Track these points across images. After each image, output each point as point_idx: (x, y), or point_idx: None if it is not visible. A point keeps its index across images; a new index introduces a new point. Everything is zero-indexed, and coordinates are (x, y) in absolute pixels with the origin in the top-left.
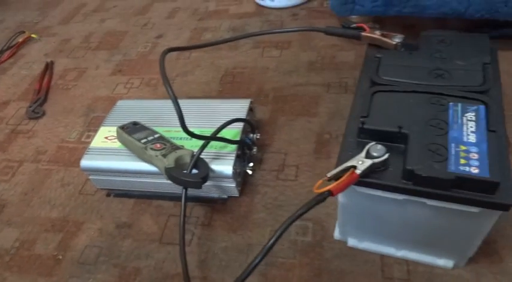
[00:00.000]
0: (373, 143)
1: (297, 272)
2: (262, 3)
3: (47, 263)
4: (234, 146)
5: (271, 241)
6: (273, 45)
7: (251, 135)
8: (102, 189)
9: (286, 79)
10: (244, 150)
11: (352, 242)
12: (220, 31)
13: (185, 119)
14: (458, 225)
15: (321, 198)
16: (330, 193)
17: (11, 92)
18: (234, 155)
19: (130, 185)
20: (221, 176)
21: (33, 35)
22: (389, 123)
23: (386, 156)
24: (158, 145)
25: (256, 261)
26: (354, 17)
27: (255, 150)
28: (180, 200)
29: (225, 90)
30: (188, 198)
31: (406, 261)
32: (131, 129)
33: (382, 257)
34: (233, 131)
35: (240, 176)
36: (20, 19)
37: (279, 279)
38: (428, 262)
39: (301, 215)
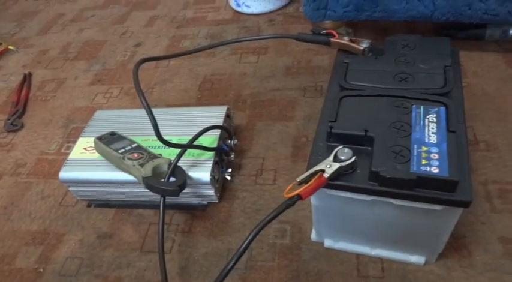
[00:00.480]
0: (341, 146)
1: (276, 274)
2: (239, 9)
3: (27, 277)
4: (211, 153)
5: (243, 246)
6: (251, 51)
7: (228, 141)
8: (82, 200)
9: (263, 84)
10: (222, 157)
11: (328, 242)
12: (198, 38)
13: (163, 127)
14: (424, 222)
15: (291, 202)
16: (299, 197)
17: None
18: (211, 161)
19: (110, 195)
20: (199, 183)
21: (10, 47)
22: (356, 127)
23: (353, 159)
24: (135, 155)
25: (229, 266)
26: (327, 22)
27: (232, 156)
28: (159, 208)
29: (204, 97)
30: (168, 206)
31: (381, 260)
32: (108, 140)
33: (358, 256)
34: (210, 138)
35: (218, 182)
36: None
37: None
38: (402, 259)
39: (270, 220)
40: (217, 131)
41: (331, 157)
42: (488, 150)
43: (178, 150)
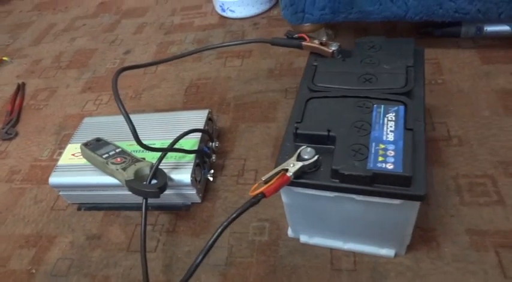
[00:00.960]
0: (304, 146)
1: (254, 270)
2: (224, 14)
3: (21, 278)
4: (192, 156)
5: (209, 243)
6: (235, 55)
7: (210, 143)
8: (72, 203)
9: (246, 87)
10: (204, 159)
11: (303, 238)
12: (185, 44)
13: (147, 132)
14: (387, 217)
15: (255, 200)
16: (263, 195)
17: None
18: (192, 164)
19: (98, 198)
20: (181, 185)
21: (4, 58)
22: (319, 127)
23: (315, 158)
24: (118, 159)
25: (197, 261)
26: (306, 25)
27: (213, 158)
28: (146, 209)
29: (189, 101)
30: (154, 207)
31: (353, 253)
32: (94, 146)
33: (332, 250)
34: (191, 141)
35: (200, 183)
36: None
37: (237, 277)
38: (373, 252)
39: (235, 218)
40: (199, 134)
41: (295, 157)
42: (460, 145)
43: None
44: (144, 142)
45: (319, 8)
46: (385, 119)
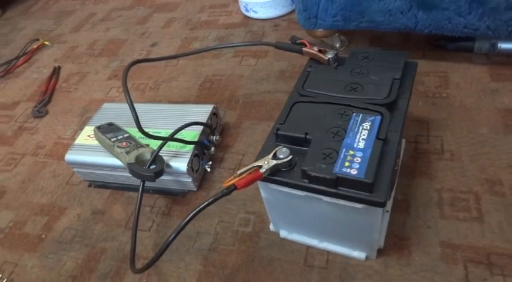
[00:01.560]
0: (281, 146)
1: (234, 257)
2: (247, 14)
3: (32, 241)
4: (192, 146)
5: (181, 225)
6: (251, 55)
7: (211, 137)
8: (85, 180)
9: (257, 86)
10: (203, 150)
11: (283, 233)
12: (207, 40)
13: (155, 121)
14: (353, 220)
15: (227, 191)
16: (235, 187)
17: (22, 93)
18: (190, 154)
19: (107, 177)
20: (178, 172)
21: (46, 42)
22: (299, 130)
23: (289, 158)
24: (124, 143)
25: (170, 239)
26: (319, 30)
27: (213, 150)
28: (147, 192)
29: (202, 96)
30: (155, 191)
31: (327, 252)
32: (105, 129)
33: (308, 248)
34: (193, 133)
35: (197, 172)
36: (38, 27)
37: (218, 262)
38: (345, 254)
39: (207, 206)
40: (200, 127)
41: (271, 155)
42: (451, 160)
43: (169, 142)
44: (151, 130)
45: (332, 15)
46: (361, 128)
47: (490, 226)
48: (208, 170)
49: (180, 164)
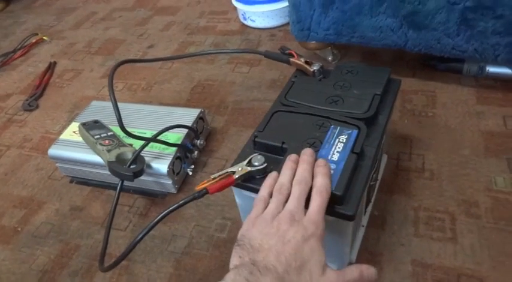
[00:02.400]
0: (257, 154)
1: (206, 262)
2: (245, 23)
3: (8, 233)
4: (174, 149)
5: (148, 228)
6: (245, 62)
7: (195, 141)
8: (67, 176)
9: (247, 94)
10: (186, 154)
11: None
12: (203, 45)
13: (142, 121)
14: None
15: (199, 194)
16: (207, 191)
17: (15, 86)
18: (172, 156)
19: (88, 174)
20: (158, 174)
21: (44, 37)
22: (276, 138)
23: (264, 165)
24: (107, 141)
25: (137, 238)
26: (312, 42)
27: (196, 154)
28: (127, 192)
29: (193, 99)
30: (135, 191)
31: None
32: (90, 126)
33: None
34: (177, 136)
35: (178, 175)
36: (39, 22)
37: (189, 266)
38: None
39: (177, 208)
40: (184, 130)
41: (246, 162)
42: (431, 179)
43: (152, 143)
44: (136, 130)
45: (324, 28)
46: (337, 140)
47: (462, 247)
48: (190, 173)
49: (161, 166)
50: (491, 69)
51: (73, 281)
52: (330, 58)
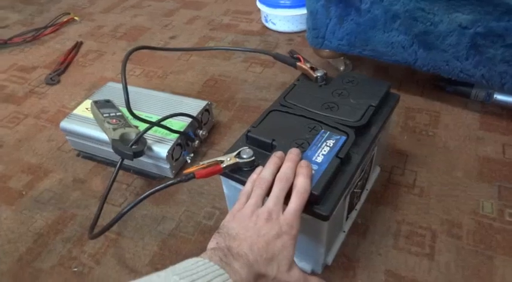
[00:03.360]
0: (246, 147)
1: (189, 246)
2: (266, 24)
3: (12, 195)
4: (176, 135)
5: (138, 200)
6: (260, 63)
7: (198, 131)
8: (75, 149)
9: (256, 93)
10: (187, 142)
11: None
12: (222, 42)
13: (150, 106)
14: (301, 230)
15: (186, 178)
16: (194, 175)
17: (41, 60)
18: (173, 142)
19: (94, 150)
20: (158, 157)
21: (75, 17)
22: (267, 135)
23: (252, 158)
24: (114, 121)
25: (124, 211)
26: (325, 51)
27: (196, 143)
28: (128, 171)
29: (204, 92)
30: (135, 171)
31: None
32: (101, 105)
33: None
34: (181, 123)
35: (177, 161)
36: (73, 2)
37: (174, 247)
38: None
39: (162, 188)
40: (188, 119)
41: (235, 153)
42: (420, 196)
43: (156, 127)
44: (144, 114)
45: (338, 38)
46: (324, 144)
47: (438, 265)
48: (189, 161)
49: (161, 150)
50: (499, 96)
51: (64, 246)
52: (341, 68)
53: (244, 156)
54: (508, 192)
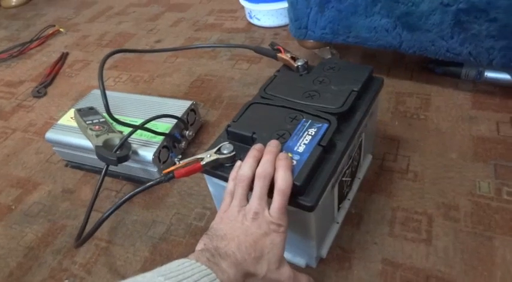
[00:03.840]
0: (226, 142)
1: (181, 248)
2: (251, 21)
3: (2, 211)
4: (162, 137)
5: (117, 204)
6: (246, 59)
7: (185, 131)
8: (63, 160)
9: (243, 90)
10: (174, 143)
11: None
12: (208, 42)
13: (134, 110)
14: (290, 223)
15: (165, 178)
16: (173, 175)
17: (28, 73)
18: (158, 144)
19: (82, 159)
20: (144, 161)
21: (61, 29)
22: (248, 129)
23: (232, 153)
24: (97, 127)
25: (104, 216)
26: (310, 41)
27: (183, 144)
28: (117, 178)
29: (190, 93)
30: (124, 177)
31: None
32: (84, 113)
33: None
34: (165, 125)
35: (164, 164)
36: (58, 15)
37: (165, 252)
38: (287, 259)
39: (142, 190)
40: (174, 120)
41: (215, 149)
42: (414, 181)
43: (143, 132)
44: (128, 119)
45: (321, 27)
46: (306, 133)
47: (435, 249)
48: (178, 163)
49: (147, 153)
50: (490, 74)
51: (55, 258)
52: (329, 56)
53: (225, 152)
54: (505, 170)
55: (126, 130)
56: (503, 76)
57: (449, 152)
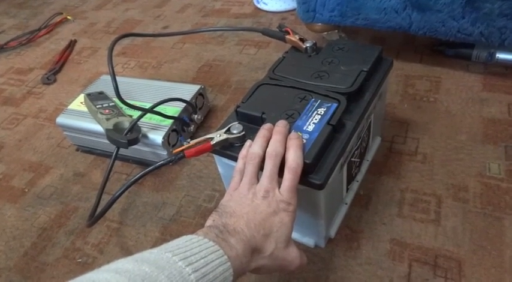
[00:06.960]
0: (236, 122)
1: (191, 229)
2: (258, 6)
3: (15, 193)
4: (171, 121)
5: (128, 183)
6: (254, 44)
7: (193, 115)
8: (74, 144)
9: (251, 74)
10: (182, 127)
11: None
12: (215, 27)
13: (144, 94)
14: (299, 203)
15: (175, 158)
16: (183, 154)
17: (37, 61)
18: (167, 128)
19: (92, 143)
20: (154, 144)
21: (68, 17)
22: (257, 109)
23: (242, 133)
24: (107, 111)
25: (116, 195)
26: (318, 24)
27: (192, 128)
28: (127, 161)
29: (198, 78)
30: (134, 161)
31: None
32: (94, 97)
33: None
34: (174, 109)
35: (174, 147)
36: (65, 3)
37: (175, 232)
38: (297, 239)
39: (153, 169)
40: (182, 104)
41: (224, 129)
42: (422, 162)
43: (150, 115)
44: (138, 103)
45: (329, 9)
46: (315, 112)
47: (444, 230)
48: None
49: (157, 137)
50: (501, 55)
51: (68, 239)
52: (334, 38)
53: (234, 132)
54: None
55: (136, 114)
56: None
57: (459, 134)
